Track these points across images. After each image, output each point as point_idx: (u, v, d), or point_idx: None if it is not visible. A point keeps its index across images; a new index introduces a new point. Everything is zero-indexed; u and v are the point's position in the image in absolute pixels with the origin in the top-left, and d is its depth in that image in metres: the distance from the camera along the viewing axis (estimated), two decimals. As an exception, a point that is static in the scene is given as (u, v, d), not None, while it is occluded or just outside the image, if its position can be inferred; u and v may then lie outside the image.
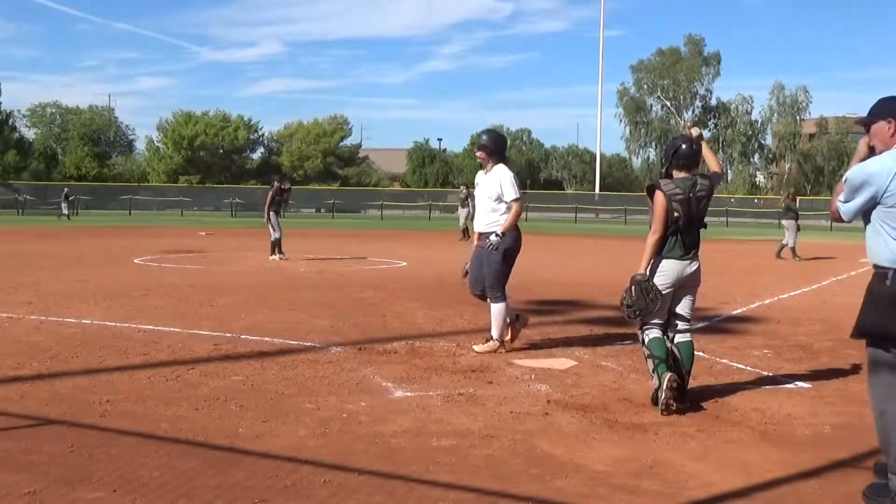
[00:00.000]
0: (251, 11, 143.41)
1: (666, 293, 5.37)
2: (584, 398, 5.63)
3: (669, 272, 5.36)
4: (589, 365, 6.74)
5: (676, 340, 5.47)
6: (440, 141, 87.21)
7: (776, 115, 70.76)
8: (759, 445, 4.69)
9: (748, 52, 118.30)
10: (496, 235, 6.96)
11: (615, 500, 3.79)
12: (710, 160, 5.75)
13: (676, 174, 5.46)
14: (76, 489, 3.75)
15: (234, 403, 5.28)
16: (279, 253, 16.79)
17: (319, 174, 70.17)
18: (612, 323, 8.96)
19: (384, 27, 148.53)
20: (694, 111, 72.41)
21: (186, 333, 7.74)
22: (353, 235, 29.22)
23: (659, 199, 5.35)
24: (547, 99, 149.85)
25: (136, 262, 15.88)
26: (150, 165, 70.26)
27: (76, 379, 5.87)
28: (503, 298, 7.09)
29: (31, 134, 74.54)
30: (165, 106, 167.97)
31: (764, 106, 72.32)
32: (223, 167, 68.36)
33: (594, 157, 73.06)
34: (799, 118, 70.05)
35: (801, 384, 6.23)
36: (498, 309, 7.09)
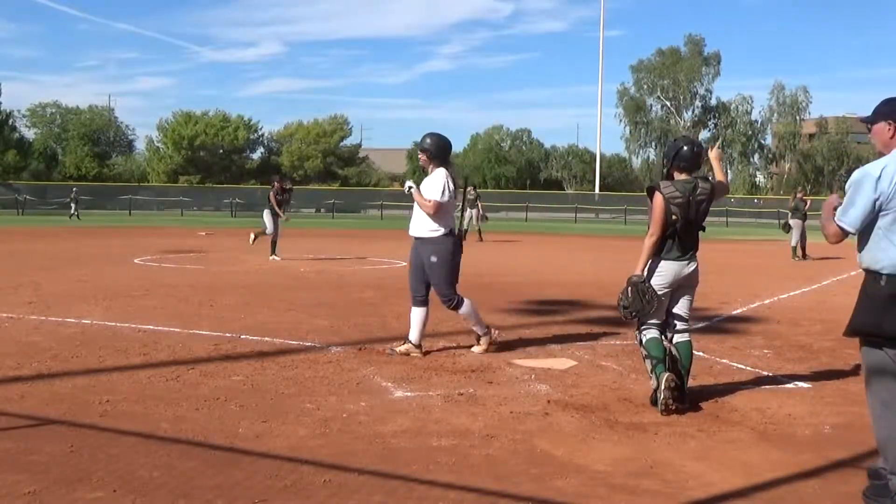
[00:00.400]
0: (251, 11, 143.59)
1: (663, 294, 5.37)
2: (584, 398, 5.63)
3: (667, 273, 5.36)
4: (589, 365, 6.74)
5: (675, 340, 5.47)
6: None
7: (776, 115, 70.81)
8: (759, 445, 4.69)
9: (748, 52, 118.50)
10: (410, 185, 6.99)
11: (615, 500, 3.79)
12: (718, 175, 5.68)
13: (677, 176, 5.44)
14: (76, 489, 3.75)
15: (234, 403, 5.29)
16: (273, 254, 16.79)
17: (319, 174, 70.17)
18: (612, 323, 8.96)
19: (384, 27, 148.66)
20: (694, 111, 72.46)
21: (186, 333, 7.74)
22: (353, 235, 29.22)
23: (658, 201, 5.33)
24: (547, 99, 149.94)
25: (136, 262, 15.87)
26: (150, 165, 70.26)
27: (76, 379, 5.87)
28: (461, 300, 6.95)
29: (31, 134, 74.60)
30: (165, 106, 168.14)
31: (764, 106, 72.43)
32: (223, 167, 68.35)
33: (594, 157, 73.05)
34: (799, 118, 70.08)
35: (801, 384, 6.23)
36: (465, 310, 6.98)
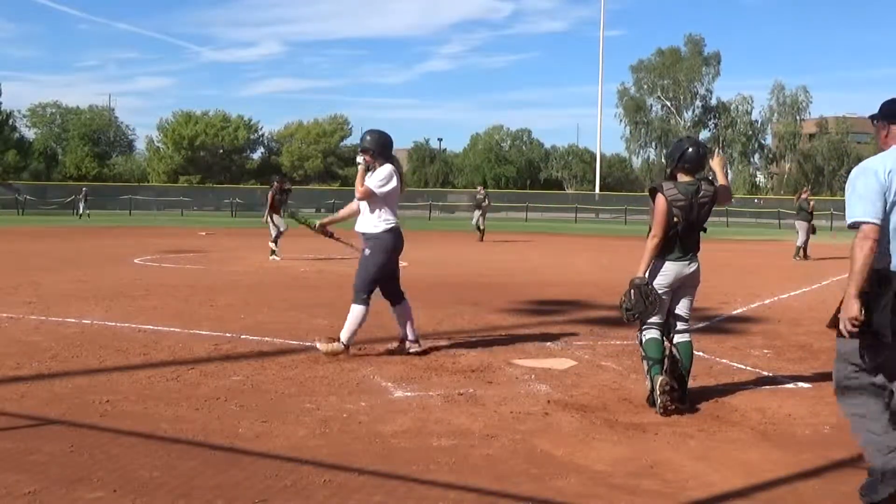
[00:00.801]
0: (251, 11, 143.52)
1: (664, 294, 5.36)
2: (584, 398, 5.63)
3: (668, 273, 5.34)
4: (589, 365, 6.74)
5: (675, 341, 5.46)
6: (440, 141, 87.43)
7: (776, 115, 70.87)
8: (759, 445, 4.69)
9: (748, 52, 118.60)
10: (359, 162, 6.87)
11: (615, 500, 3.79)
12: (721, 180, 5.60)
13: (681, 177, 5.40)
14: (76, 489, 3.75)
15: (234, 403, 5.28)
16: (273, 254, 16.79)
17: (319, 174, 70.23)
18: (612, 323, 8.96)
19: (384, 27, 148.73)
20: (694, 111, 72.53)
21: (186, 333, 7.74)
22: (353, 235, 29.15)
23: (660, 202, 5.30)
24: (547, 99, 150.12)
25: (136, 262, 15.87)
26: (150, 165, 70.34)
27: (76, 379, 5.87)
28: (365, 302, 6.75)
29: (31, 134, 74.76)
30: (165, 106, 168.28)
31: (764, 106, 72.50)
32: (223, 167, 68.42)
33: (594, 157, 73.11)
34: (799, 118, 70.14)
35: (801, 384, 6.23)
36: (356, 311, 6.72)
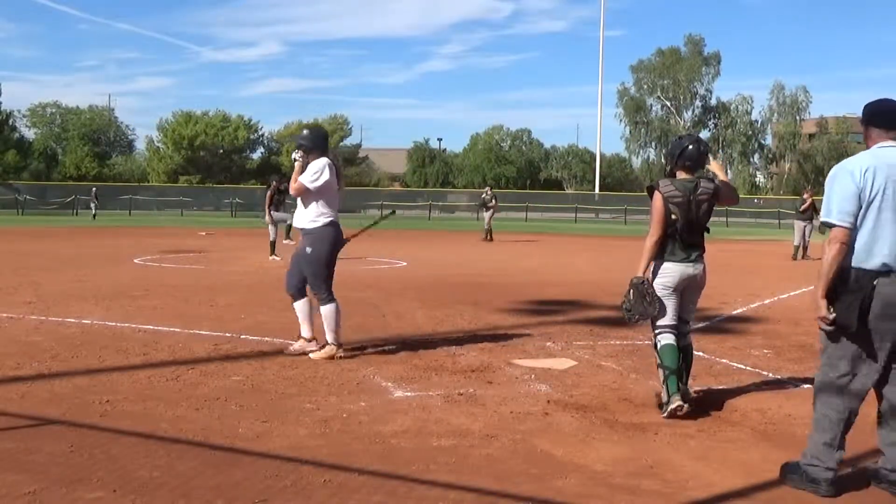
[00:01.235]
0: (251, 11, 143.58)
1: (670, 295, 5.26)
2: (584, 398, 5.63)
3: (671, 274, 5.25)
4: (589, 365, 6.73)
5: (679, 343, 5.34)
6: (440, 141, 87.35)
7: (776, 115, 70.87)
8: (759, 445, 4.69)
9: (748, 52, 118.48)
10: (296, 157, 6.92)
11: (615, 500, 3.79)
12: (721, 177, 5.53)
13: (680, 175, 5.32)
14: (76, 489, 3.75)
15: (234, 403, 5.28)
16: (273, 254, 16.79)
17: (319, 174, 70.10)
18: (612, 323, 8.96)
19: (384, 27, 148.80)
20: (694, 111, 72.51)
21: (186, 333, 7.74)
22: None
23: (656, 201, 5.24)
24: (547, 99, 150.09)
25: (136, 262, 15.87)
26: (150, 165, 70.29)
27: (76, 379, 5.87)
28: (330, 300, 6.76)
29: (31, 134, 74.73)
30: (165, 106, 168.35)
31: (764, 106, 72.51)
32: (223, 167, 68.39)
33: (594, 157, 73.10)
34: (799, 118, 70.13)
35: (801, 384, 6.22)
36: (327, 311, 6.74)
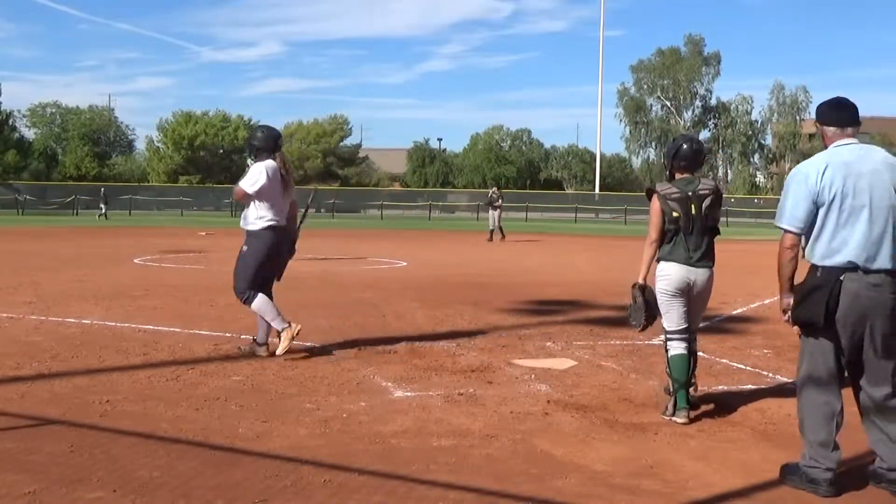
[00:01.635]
0: (251, 11, 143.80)
1: (671, 300, 5.10)
2: (584, 398, 5.63)
3: (671, 277, 5.06)
4: (589, 365, 6.73)
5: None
6: (440, 141, 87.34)
7: (776, 115, 70.83)
8: (759, 445, 4.69)
9: (748, 52, 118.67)
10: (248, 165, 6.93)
11: (615, 500, 3.79)
12: None
13: (679, 176, 5.22)
14: (76, 489, 3.75)
15: (234, 403, 5.28)
16: None
17: (319, 174, 70.19)
18: (612, 323, 8.97)
19: (384, 27, 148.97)
20: (694, 111, 72.51)
21: (186, 333, 7.74)
22: (353, 235, 29.23)
23: (653, 203, 5.12)
24: (547, 99, 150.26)
25: (136, 262, 15.87)
26: (150, 165, 70.27)
27: (76, 379, 5.87)
28: (253, 296, 6.63)
29: (31, 134, 74.73)
30: (165, 106, 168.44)
31: (764, 106, 72.45)
32: (223, 167, 68.35)
33: (594, 157, 73.11)
34: (799, 118, 70.06)
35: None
36: (257, 305, 6.62)
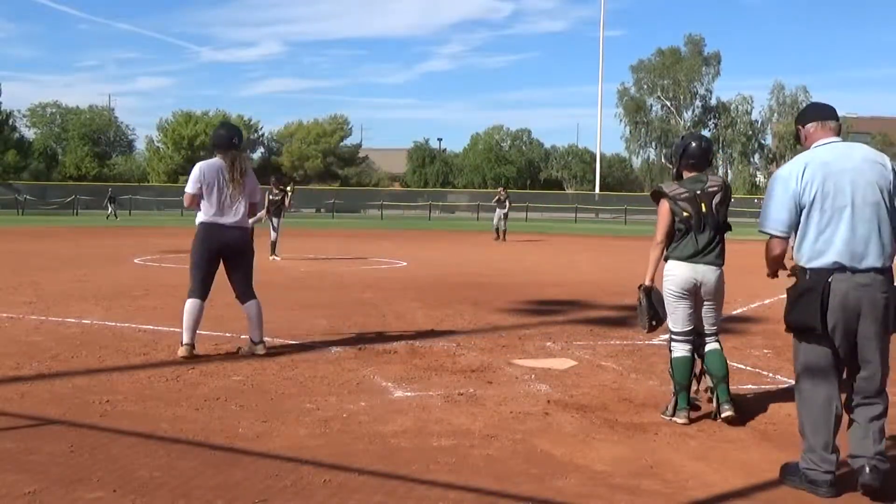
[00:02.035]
0: (251, 11, 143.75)
1: (678, 300, 5.05)
2: (584, 398, 5.63)
3: (677, 277, 5.01)
4: (589, 365, 6.73)
5: (703, 351, 5.16)
6: (440, 141, 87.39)
7: (776, 115, 70.82)
8: (759, 445, 4.69)
9: (748, 52, 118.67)
10: None
11: (615, 500, 3.79)
12: None
13: (686, 175, 5.14)
14: (76, 489, 3.75)
15: (234, 403, 5.28)
16: (273, 254, 16.81)
17: (319, 174, 70.20)
18: (612, 323, 8.97)
19: (384, 27, 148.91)
20: (694, 111, 72.51)
21: (186, 333, 7.73)
22: (353, 235, 29.23)
23: (662, 205, 5.07)
24: (547, 99, 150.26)
25: (136, 262, 15.88)
26: (150, 165, 70.27)
27: (76, 379, 5.87)
28: (190, 295, 6.64)
29: (31, 134, 74.67)
30: (165, 106, 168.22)
31: (764, 106, 72.48)
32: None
33: (594, 157, 73.13)
34: (799, 118, 70.05)
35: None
36: (187, 306, 6.61)
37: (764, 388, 6.11)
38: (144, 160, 73.77)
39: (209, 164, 6.77)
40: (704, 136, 5.43)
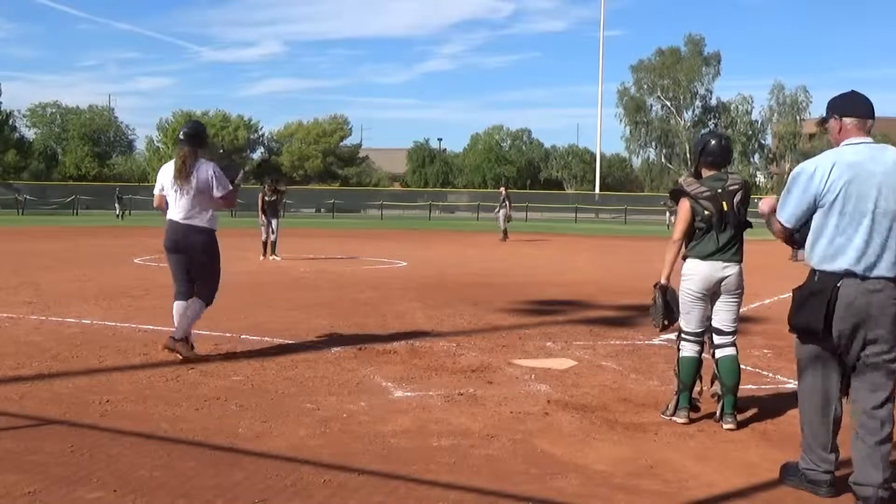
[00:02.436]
0: (251, 11, 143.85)
1: (695, 301, 5.02)
2: (584, 398, 5.63)
3: (697, 277, 4.96)
4: (589, 365, 6.73)
5: (717, 356, 5.09)
6: (440, 141, 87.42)
7: (776, 115, 70.78)
8: (759, 445, 4.69)
9: (748, 52, 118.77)
10: None
11: (615, 500, 3.79)
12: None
13: (705, 173, 5.10)
14: (76, 489, 3.75)
15: (234, 403, 5.28)
16: (273, 254, 16.81)
17: (319, 174, 70.22)
18: (612, 323, 8.97)
19: (384, 27, 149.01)
20: (694, 111, 72.46)
21: (186, 333, 7.73)
22: (353, 235, 29.23)
23: (682, 204, 5.01)
24: (547, 99, 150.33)
25: (136, 262, 15.88)
26: (150, 165, 70.20)
27: (76, 379, 5.87)
28: (174, 297, 6.70)
29: (31, 134, 74.63)
30: (165, 106, 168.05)
31: (764, 106, 72.39)
32: (223, 167, 68.32)
33: (594, 157, 73.16)
34: (799, 118, 70.03)
35: (801, 384, 6.21)
36: (175, 309, 6.68)
37: (764, 388, 6.11)
38: (144, 160, 73.75)
39: (167, 164, 6.90)
40: (724, 134, 5.37)
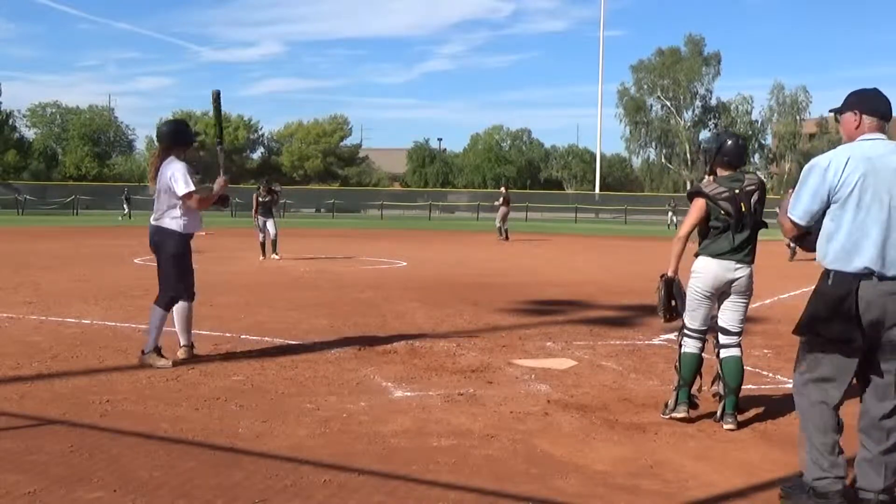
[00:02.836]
0: (251, 11, 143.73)
1: (703, 299, 5.02)
2: (584, 398, 5.63)
3: (707, 276, 4.96)
4: (589, 365, 6.73)
5: (721, 356, 5.10)
6: (440, 141, 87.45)
7: (776, 115, 70.80)
8: (759, 445, 4.69)
9: (748, 52, 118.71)
10: None
11: (615, 500, 3.79)
12: None
13: (721, 172, 5.09)
14: (76, 489, 3.75)
15: (234, 403, 5.28)
16: (274, 253, 16.80)
17: (319, 174, 70.27)
18: (612, 323, 8.97)
19: (384, 27, 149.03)
20: (694, 111, 72.48)
21: (186, 333, 7.72)
22: (353, 235, 29.23)
23: (696, 202, 5.01)
24: (547, 99, 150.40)
25: (136, 262, 15.86)
26: (150, 165, 70.29)
27: (76, 379, 5.87)
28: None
29: (31, 134, 74.66)
30: (165, 106, 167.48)
31: (764, 106, 72.42)
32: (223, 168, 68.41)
33: (594, 157, 73.19)
34: (799, 118, 70.06)
35: (801, 384, 6.21)
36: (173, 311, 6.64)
37: (764, 388, 6.12)
38: (144, 160, 73.73)
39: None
40: (740, 134, 5.38)
